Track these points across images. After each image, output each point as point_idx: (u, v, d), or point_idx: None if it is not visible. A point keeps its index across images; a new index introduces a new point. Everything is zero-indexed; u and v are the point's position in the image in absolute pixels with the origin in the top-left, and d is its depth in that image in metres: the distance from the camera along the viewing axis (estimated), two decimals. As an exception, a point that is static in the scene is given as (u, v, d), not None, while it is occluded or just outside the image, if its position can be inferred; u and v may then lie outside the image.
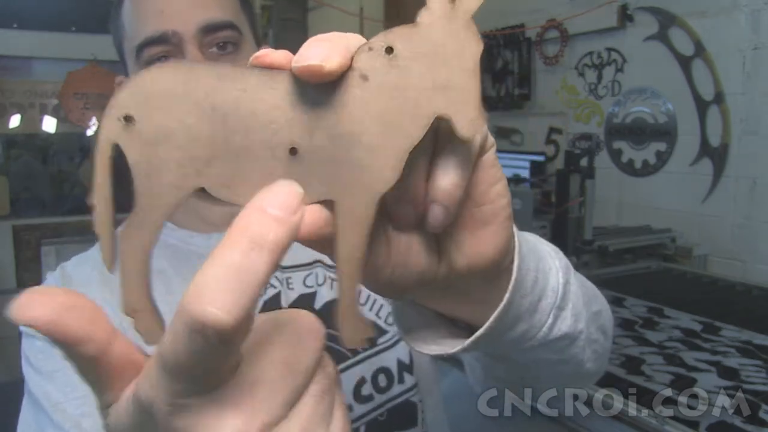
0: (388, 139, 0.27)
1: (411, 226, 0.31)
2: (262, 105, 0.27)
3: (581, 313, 0.45)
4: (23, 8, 2.64)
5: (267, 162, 0.27)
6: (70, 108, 2.74)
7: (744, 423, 1.12)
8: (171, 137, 0.28)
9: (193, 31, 0.61)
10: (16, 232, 2.61)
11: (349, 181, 0.27)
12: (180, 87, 0.27)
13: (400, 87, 0.27)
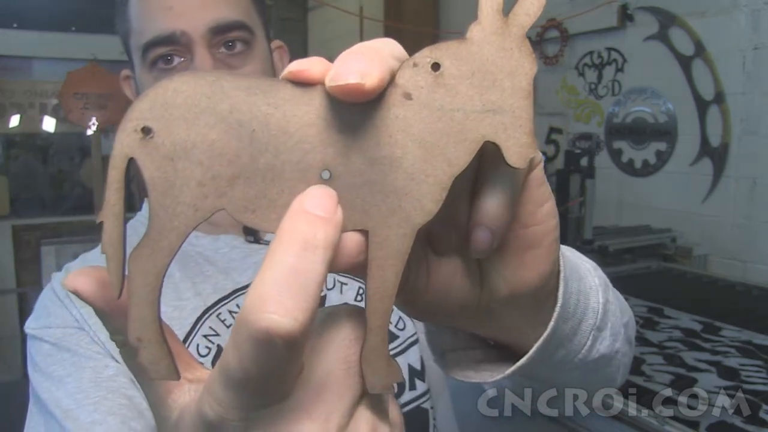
0: (430, 165, 0.24)
1: (453, 251, 0.29)
2: (294, 123, 0.24)
3: (619, 333, 0.44)
4: (23, 8, 2.64)
5: (297, 185, 0.25)
6: (70, 108, 2.73)
7: (744, 423, 1.12)
8: (192, 153, 0.25)
9: (202, 31, 0.59)
10: (15, 232, 2.61)
11: (386, 210, 0.25)
12: (204, 99, 0.24)
13: (446, 108, 0.25)
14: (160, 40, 0.59)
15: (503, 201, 0.26)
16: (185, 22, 0.58)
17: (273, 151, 0.24)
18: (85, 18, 2.73)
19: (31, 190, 2.98)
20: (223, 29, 0.59)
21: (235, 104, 0.24)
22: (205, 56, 0.58)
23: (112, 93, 2.80)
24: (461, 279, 0.30)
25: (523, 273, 0.30)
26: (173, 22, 0.58)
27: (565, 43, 3.30)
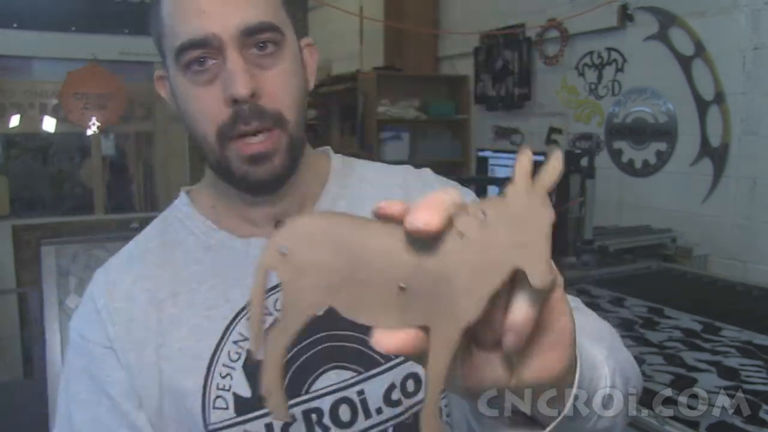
0: (475, 284, 0.34)
1: (490, 347, 0.37)
2: (382, 250, 0.35)
3: (621, 410, 0.50)
4: (23, 8, 2.64)
5: (382, 293, 0.35)
6: (70, 108, 2.73)
7: (744, 423, 1.12)
8: (313, 268, 0.35)
9: (233, 34, 0.60)
10: (16, 232, 2.61)
11: (443, 314, 0.34)
12: (323, 232, 0.35)
13: (487, 244, 0.34)
14: (194, 44, 0.60)
15: (527, 314, 0.34)
16: (217, 25, 0.60)
17: (367, 269, 0.35)
18: (85, 18, 2.72)
19: (31, 190, 2.98)
20: (253, 31, 0.61)
21: (344, 235, 0.35)
22: (236, 58, 0.60)
23: (112, 93, 2.80)
24: (495, 368, 0.37)
25: (545, 366, 0.37)
26: (205, 25, 0.60)
27: (565, 43, 3.30)
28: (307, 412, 0.64)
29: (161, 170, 2.93)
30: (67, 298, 2.34)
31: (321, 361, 0.65)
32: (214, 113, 0.62)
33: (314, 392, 0.64)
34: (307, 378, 0.65)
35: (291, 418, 0.42)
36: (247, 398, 0.63)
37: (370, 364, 0.66)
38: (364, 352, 0.66)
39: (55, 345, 2.27)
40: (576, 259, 2.15)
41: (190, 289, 0.66)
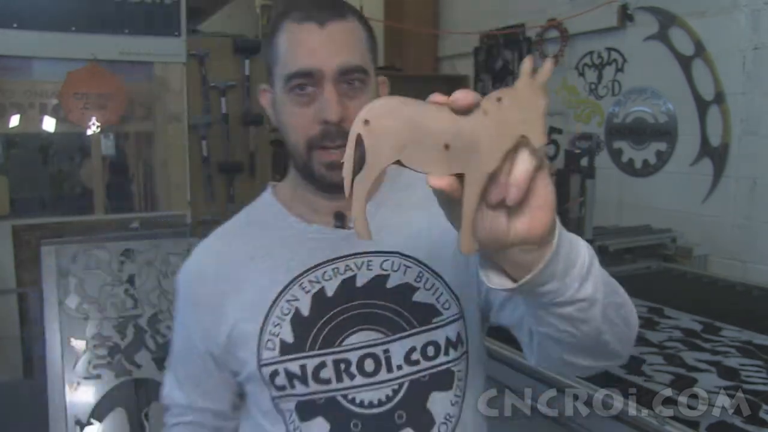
0: (495, 145, 0.50)
1: (497, 207, 0.52)
2: (435, 122, 0.51)
3: (599, 288, 0.61)
4: (23, 8, 2.63)
5: (433, 151, 0.51)
6: (70, 108, 2.73)
7: (744, 423, 1.12)
8: (386, 133, 0.51)
9: (333, 71, 0.78)
10: (15, 232, 2.61)
11: (473, 165, 0.50)
12: (393, 108, 0.52)
13: (503, 119, 0.50)
14: (301, 74, 0.78)
15: (527, 169, 0.49)
16: (322, 63, 0.78)
17: (424, 134, 0.50)
18: (85, 18, 2.72)
19: (31, 190, 2.97)
20: (347, 71, 0.79)
21: (409, 111, 0.51)
22: (331, 90, 0.78)
23: (112, 93, 2.79)
24: (499, 222, 0.52)
25: (534, 222, 0.52)
26: (313, 62, 0.78)
27: (565, 43, 3.30)
28: (337, 362, 0.80)
29: (161, 170, 2.92)
30: (67, 298, 2.34)
31: (354, 322, 0.81)
32: (306, 128, 0.80)
33: (345, 346, 0.80)
34: (341, 334, 0.80)
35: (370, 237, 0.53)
36: (290, 343, 0.81)
37: (396, 329, 0.81)
38: (393, 320, 0.81)
39: (55, 345, 2.27)
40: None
41: (261, 257, 0.86)
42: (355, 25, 0.82)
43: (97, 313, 2.35)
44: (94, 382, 2.27)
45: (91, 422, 2.23)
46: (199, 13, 5.20)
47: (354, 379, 0.80)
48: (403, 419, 0.80)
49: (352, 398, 0.80)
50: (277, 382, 0.81)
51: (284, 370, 0.80)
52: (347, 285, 0.82)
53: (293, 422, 0.82)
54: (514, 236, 0.53)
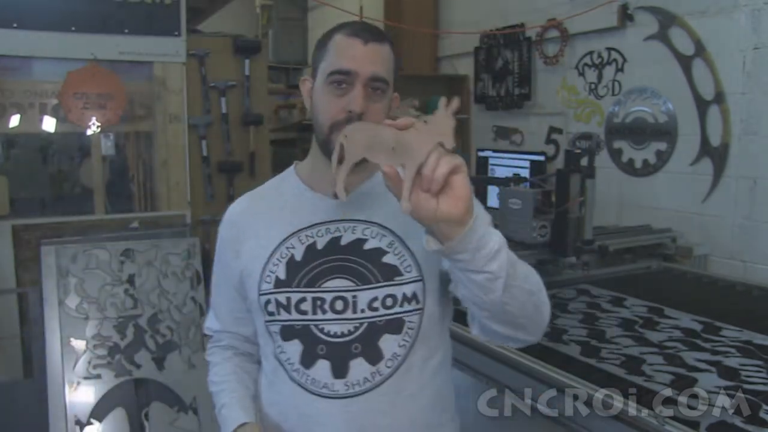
0: (422, 147, 0.80)
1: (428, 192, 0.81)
2: (387, 135, 0.84)
3: (503, 269, 0.86)
4: (23, 8, 2.63)
5: (386, 150, 0.83)
6: (70, 108, 2.73)
7: (744, 423, 1.12)
8: (357, 141, 0.88)
9: (366, 76, 1.02)
10: (15, 231, 2.60)
11: (410, 157, 0.81)
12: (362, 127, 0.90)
13: (427, 132, 0.81)
14: (343, 72, 1.02)
15: (442, 173, 0.80)
16: (359, 68, 1.02)
17: (379, 142, 0.85)
18: (85, 18, 2.72)
19: (31, 190, 2.97)
20: (375, 79, 1.03)
21: (371, 129, 0.88)
22: (360, 90, 1.02)
23: (112, 93, 2.79)
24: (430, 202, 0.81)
25: (453, 205, 0.81)
26: (353, 65, 1.02)
27: (565, 43, 3.30)
28: (315, 299, 1.03)
29: (161, 170, 2.92)
30: (67, 298, 2.34)
31: (334, 271, 1.04)
32: (334, 114, 1.03)
33: (324, 288, 1.03)
34: (322, 278, 1.04)
35: (345, 199, 0.90)
36: (282, 280, 1.05)
37: (365, 281, 1.03)
38: (364, 274, 1.03)
39: (55, 345, 2.27)
40: (576, 259, 2.15)
41: (275, 213, 1.11)
42: (388, 49, 1.07)
43: (97, 313, 2.34)
44: (94, 382, 2.27)
45: (91, 422, 2.23)
46: (199, 13, 5.20)
47: (326, 314, 1.03)
48: (359, 350, 1.02)
49: (321, 328, 1.03)
50: (269, 309, 1.05)
51: (275, 299, 1.04)
52: (334, 242, 1.06)
53: (277, 341, 1.07)
54: (440, 214, 0.81)
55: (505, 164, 3.58)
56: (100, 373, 2.27)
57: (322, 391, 1.02)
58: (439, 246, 0.84)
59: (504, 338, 0.98)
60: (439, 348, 1.10)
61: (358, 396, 1.02)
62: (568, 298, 1.91)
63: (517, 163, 3.48)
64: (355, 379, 1.02)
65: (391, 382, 1.03)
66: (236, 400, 1.12)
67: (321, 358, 1.02)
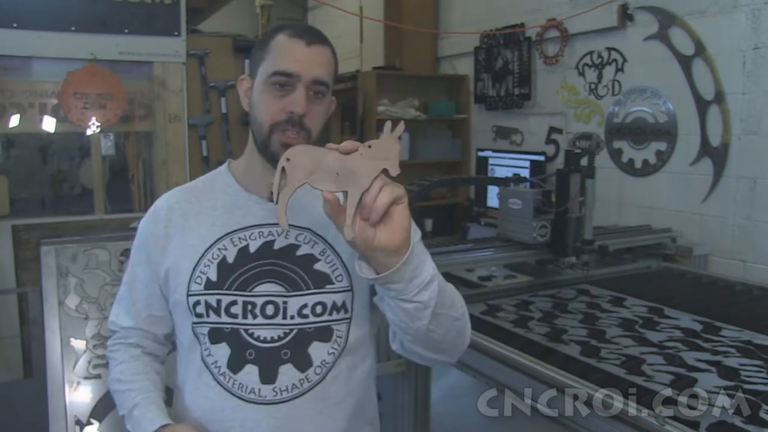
0: (366, 173, 0.81)
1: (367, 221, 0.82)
2: (330, 159, 0.83)
3: (433, 298, 0.89)
4: (23, 8, 2.63)
5: (329, 176, 0.83)
6: (70, 108, 2.73)
7: (744, 423, 1.12)
8: (300, 165, 0.84)
9: (308, 79, 1.01)
10: (15, 231, 2.61)
11: (353, 185, 0.81)
12: (305, 150, 0.85)
13: (371, 157, 0.81)
14: (285, 73, 1.01)
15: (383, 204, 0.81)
16: (302, 70, 1.01)
17: (323, 166, 0.83)
18: (85, 18, 2.72)
19: (31, 190, 2.97)
20: (317, 82, 1.02)
21: (314, 153, 0.84)
22: (302, 92, 1.01)
23: (112, 93, 2.79)
24: (368, 231, 0.82)
25: (393, 236, 0.83)
26: (296, 67, 1.01)
27: (565, 43, 3.30)
28: (246, 303, 1.03)
29: (161, 170, 2.92)
30: (67, 298, 2.34)
31: (265, 275, 1.03)
32: (274, 114, 1.02)
33: (254, 292, 1.03)
34: (253, 282, 1.03)
35: (287, 228, 0.87)
36: (213, 281, 1.03)
37: (296, 288, 1.03)
38: (295, 280, 1.04)
39: (55, 345, 2.27)
40: (576, 259, 2.15)
41: (206, 213, 1.09)
42: (330, 53, 1.07)
43: (97, 313, 2.34)
44: (93, 382, 2.27)
45: (91, 422, 2.22)
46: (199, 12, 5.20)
47: (256, 318, 1.02)
48: (288, 356, 1.02)
49: (251, 332, 1.02)
50: (197, 311, 1.04)
51: (204, 301, 1.03)
52: (267, 246, 1.05)
53: (205, 344, 1.04)
54: (377, 243, 0.82)
55: (505, 164, 3.58)
56: (100, 373, 2.27)
57: (249, 396, 1.01)
58: (373, 275, 0.86)
59: (423, 359, 1.00)
60: (367, 357, 1.11)
61: (285, 402, 1.01)
62: (568, 298, 1.91)
63: (517, 163, 3.48)
64: (284, 385, 1.01)
65: (318, 390, 1.03)
66: (150, 400, 1.06)
67: (249, 363, 1.01)
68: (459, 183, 3.96)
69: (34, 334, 2.34)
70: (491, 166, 3.70)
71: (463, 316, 0.97)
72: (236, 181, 1.11)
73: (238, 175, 1.12)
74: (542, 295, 1.95)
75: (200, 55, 3.03)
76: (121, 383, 1.10)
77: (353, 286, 1.05)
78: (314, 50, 1.03)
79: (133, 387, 1.09)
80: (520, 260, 2.17)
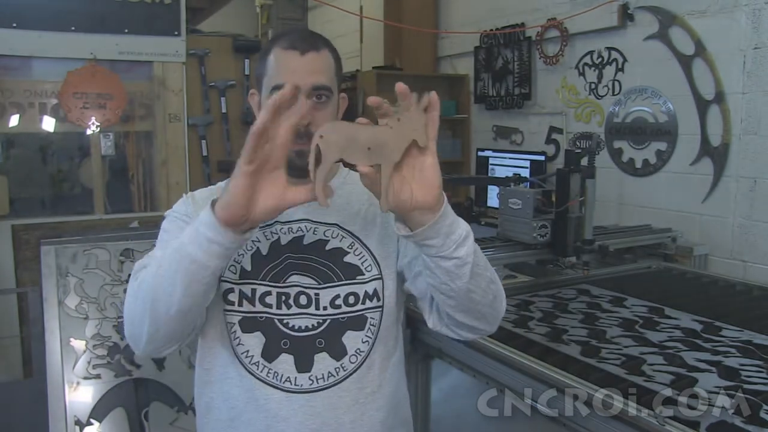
0: (397, 145, 0.84)
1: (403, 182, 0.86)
2: (362, 134, 0.83)
3: (470, 254, 0.90)
4: (23, 8, 2.63)
5: (361, 151, 0.83)
6: (70, 107, 2.73)
7: (744, 423, 1.12)
8: (333, 142, 0.84)
9: (307, 87, 1.03)
10: (15, 231, 2.61)
11: (385, 158, 0.84)
12: (337, 127, 0.86)
13: (401, 130, 0.83)
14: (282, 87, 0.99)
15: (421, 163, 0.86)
16: (300, 80, 1.01)
17: (355, 142, 0.84)
18: (85, 18, 2.72)
19: (31, 190, 2.97)
20: (317, 89, 1.05)
21: (346, 129, 0.84)
22: (304, 101, 0.96)
23: (112, 93, 2.79)
24: (405, 191, 0.85)
25: (427, 194, 0.85)
26: (293, 78, 0.99)
27: (565, 42, 3.30)
28: (280, 294, 1.04)
29: (161, 170, 2.92)
30: (67, 298, 2.34)
31: (297, 268, 1.06)
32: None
33: (288, 283, 1.05)
34: (286, 274, 1.05)
35: (327, 205, 0.85)
36: (248, 271, 1.05)
37: (327, 280, 1.05)
38: (326, 273, 1.06)
39: (55, 345, 2.27)
40: (576, 259, 2.15)
41: None
42: (327, 55, 1.09)
43: (96, 313, 2.34)
44: (93, 382, 2.27)
45: (91, 422, 2.22)
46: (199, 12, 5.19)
47: (290, 309, 1.04)
48: (323, 345, 1.04)
49: (286, 322, 1.04)
50: (230, 298, 1.04)
51: (239, 290, 1.04)
52: (297, 241, 1.08)
53: (235, 332, 1.04)
54: (414, 202, 0.86)
55: (505, 164, 3.58)
56: (100, 373, 2.27)
57: (285, 385, 1.02)
58: (410, 232, 0.88)
59: (462, 328, 1.00)
60: (396, 347, 1.13)
61: (321, 390, 1.02)
62: (568, 298, 1.91)
63: (517, 162, 3.47)
64: (320, 373, 1.03)
65: (354, 378, 1.04)
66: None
67: (284, 352, 1.02)
68: (459, 183, 3.95)
69: (33, 334, 2.34)
70: (491, 165, 3.70)
71: (497, 282, 0.98)
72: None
73: None
74: (542, 295, 1.95)
75: (200, 54, 3.03)
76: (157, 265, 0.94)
77: (383, 275, 1.08)
78: (309, 58, 1.05)
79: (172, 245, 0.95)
80: (520, 260, 2.17)
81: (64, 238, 2.48)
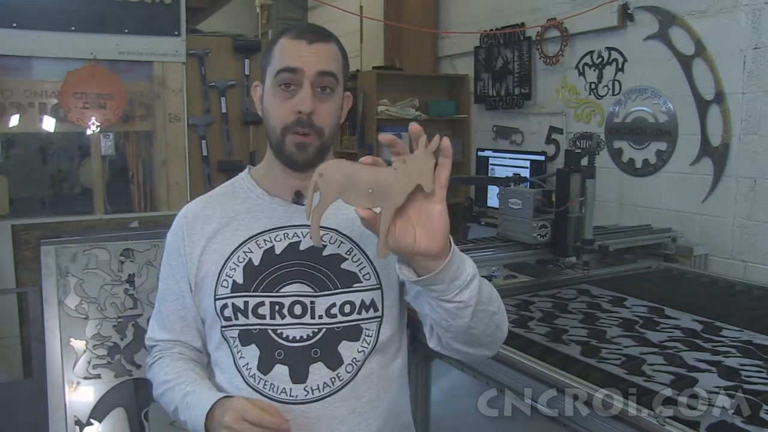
0: (401, 189, 0.79)
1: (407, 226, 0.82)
2: (364, 175, 0.80)
3: (473, 297, 0.88)
4: (23, 8, 2.63)
5: (362, 193, 0.80)
6: (70, 108, 2.73)
7: (744, 423, 1.12)
8: (333, 181, 0.81)
9: (312, 72, 1.02)
10: (15, 231, 2.60)
11: (387, 202, 0.79)
12: (338, 165, 0.82)
13: (406, 173, 0.79)
14: (288, 69, 1.02)
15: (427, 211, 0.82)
16: (305, 64, 1.02)
17: (356, 183, 0.80)
18: (85, 18, 2.71)
19: (31, 190, 2.97)
20: (323, 74, 1.03)
21: (348, 168, 0.81)
22: (308, 90, 1.02)
23: (112, 93, 2.79)
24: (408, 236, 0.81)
25: (431, 240, 0.81)
26: (299, 62, 1.02)
27: (565, 42, 3.30)
28: (273, 304, 1.03)
29: (161, 170, 2.92)
30: (67, 298, 2.34)
31: (292, 276, 1.04)
32: (284, 117, 1.03)
33: (282, 293, 1.03)
34: (280, 283, 1.03)
35: (321, 244, 0.90)
36: (240, 284, 1.04)
37: (323, 288, 1.03)
38: (322, 280, 1.04)
39: (55, 345, 2.27)
40: (576, 259, 2.15)
41: (230, 218, 1.10)
42: (335, 48, 1.08)
43: (96, 313, 2.34)
44: (93, 382, 2.27)
45: (91, 422, 2.22)
46: (199, 12, 5.19)
47: (284, 319, 1.02)
48: (318, 355, 1.02)
49: (280, 333, 1.02)
50: (225, 314, 1.04)
51: (232, 304, 1.04)
52: (293, 247, 1.06)
53: (236, 346, 1.05)
54: (417, 249, 0.82)
55: (505, 164, 3.58)
56: (100, 373, 2.27)
57: (280, 397, 1.01)
58: (415, 277, 0.85)
59: (463, 355, 1.00)
60: (398, 356, 1.10)
61: (317, 401, 1.01)
62: (568, 298, 1.91)
63: (517, 162, 3.48)
64: (315, 384, 1.01)
65: (350, 388, 1.02)
66: (202, 386, 1.05)
67: (279, 363, 1.01)
68: (459, 183, 3.95)
69: (33, 334, 2.34)
70: (491, 165, 3.70)
71: (500, 310, 0.97)
72: (258, 185, 1.12)
73: (259, 179, 1.13)
74: (542, 295, 1.95)
75: (200, 54, 3.03)
76: (168, 382, 1.08)
77: (382, 284, 1.05)
78: (317, 47, 1.04)
79: (182, 380, 1.06)
80: (521, 260, 2.17)
81: (64, 238, 2.48)
